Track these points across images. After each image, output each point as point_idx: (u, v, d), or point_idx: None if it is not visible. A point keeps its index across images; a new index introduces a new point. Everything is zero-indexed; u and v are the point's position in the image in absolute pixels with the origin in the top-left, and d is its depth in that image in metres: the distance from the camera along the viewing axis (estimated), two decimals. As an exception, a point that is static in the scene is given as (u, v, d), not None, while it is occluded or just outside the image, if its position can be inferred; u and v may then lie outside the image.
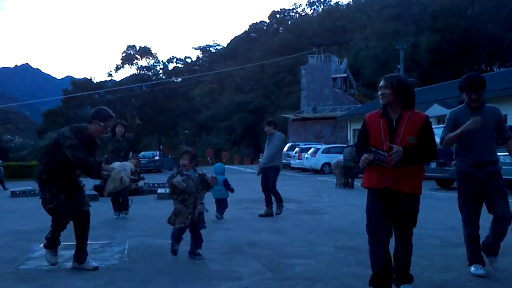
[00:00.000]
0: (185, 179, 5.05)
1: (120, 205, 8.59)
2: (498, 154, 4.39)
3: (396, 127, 3.49)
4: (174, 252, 5.06)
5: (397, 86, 3.48)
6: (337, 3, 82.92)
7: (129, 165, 4.74)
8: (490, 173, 4.23)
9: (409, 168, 3.46)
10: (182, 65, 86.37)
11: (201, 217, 5.15)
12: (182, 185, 5.00)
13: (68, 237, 6.51)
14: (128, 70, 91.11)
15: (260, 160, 7.46)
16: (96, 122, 4.61)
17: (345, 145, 20.71)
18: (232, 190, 8.19)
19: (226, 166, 10.47)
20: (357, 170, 15.38)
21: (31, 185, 17.00)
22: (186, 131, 53.48)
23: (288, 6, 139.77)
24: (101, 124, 4.64)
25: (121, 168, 4.57)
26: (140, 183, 13.24)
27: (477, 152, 4.22)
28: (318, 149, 25.37)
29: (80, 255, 4.72)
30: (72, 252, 5.48)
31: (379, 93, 3.55)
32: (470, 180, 4.26)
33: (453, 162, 4.48)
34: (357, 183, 14.71)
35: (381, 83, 3.56)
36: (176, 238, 5.09)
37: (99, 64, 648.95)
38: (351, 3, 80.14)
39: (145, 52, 67.74)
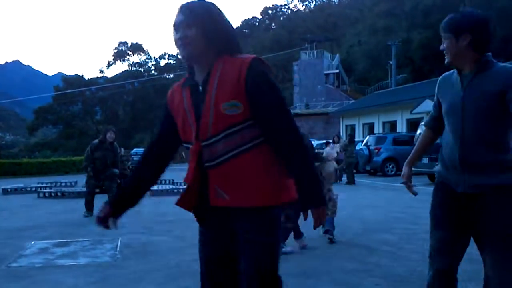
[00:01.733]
0: None
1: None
2: None
3: (204, 93, 1.82)
4: (332, 241, 5.53)
5: (198, 16, 1.78)
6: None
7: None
8: (483, 189, 2.14)
9: (243, 161, 1.79)
10: (174, 61, 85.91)
11: None
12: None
13: (59, 235, 6.49)
14: (120, 67, 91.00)
15: None
16: None
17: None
18: None
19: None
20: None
21: (22, 182, 16.90)
22: (179, 128, 53.47)
23: (280, 2, 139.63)
24: None
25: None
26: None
27: (458, 146, 2.20)
28: (311, 145, 25.41)
29: None
30: (64, 249, 5.48)
31: (179, 44, 1.81)
32: (445, 191, 2.30)
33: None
34: (357, 179, 14.74)
35: (176, 18, 1.82)
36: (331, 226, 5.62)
37: (90, 60, 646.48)
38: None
39: (137, 48, 67.49)
